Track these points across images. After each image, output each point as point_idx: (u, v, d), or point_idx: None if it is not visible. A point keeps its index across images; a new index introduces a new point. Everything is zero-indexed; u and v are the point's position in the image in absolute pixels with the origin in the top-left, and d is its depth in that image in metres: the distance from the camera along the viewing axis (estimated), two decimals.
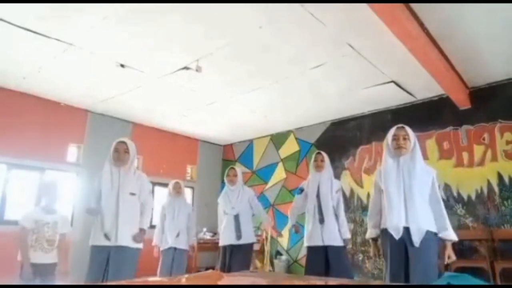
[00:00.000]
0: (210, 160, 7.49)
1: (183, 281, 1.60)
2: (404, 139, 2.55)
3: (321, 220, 3.43)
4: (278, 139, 6.83)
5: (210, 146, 7.59)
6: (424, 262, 2.29)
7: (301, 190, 3.70)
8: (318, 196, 3.49)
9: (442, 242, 2.41)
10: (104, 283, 2.58)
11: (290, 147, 6.60)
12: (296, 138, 6.54)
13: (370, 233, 2.68)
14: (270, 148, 6.92)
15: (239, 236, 3.79)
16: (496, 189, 4.30)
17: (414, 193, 2.42)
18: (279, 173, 6.64)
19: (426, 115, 4.94)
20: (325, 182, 3.52)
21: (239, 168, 4.21)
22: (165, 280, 1.67)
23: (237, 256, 3.78)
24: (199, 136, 7.22)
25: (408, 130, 2.59)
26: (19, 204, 4.86)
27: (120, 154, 2.94)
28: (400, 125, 2.63)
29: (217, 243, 4.20)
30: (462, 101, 4.60)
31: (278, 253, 6.27)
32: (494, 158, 4.39)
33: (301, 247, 5.97)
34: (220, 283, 1.62)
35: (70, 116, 5.47)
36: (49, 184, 3.49)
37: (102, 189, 2.90)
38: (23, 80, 4.59)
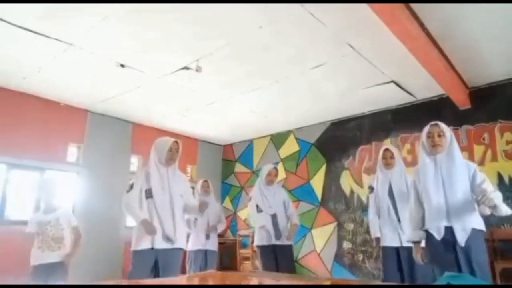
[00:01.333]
0: (210, 160, 7.49)
1: (183, 281, 1.60)
2: (439, 136, 2.48)
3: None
4: (278, 139, 6.83)
5: (210, 146, 7.59)
6: (475, 261, 2.22)
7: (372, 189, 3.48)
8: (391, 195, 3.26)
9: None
10: (102, 283, 2.57)
11: (290, 147, 6.60)
12: (296, 138, 6.54)
13: (413, 236, 2.55)
14: (270, 148, 6.92)
15: (278, 236, 3.68)
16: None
17: (455, 191, 2.35)
18: (279, 173, 6.61)
19: (426, 115, 4.92)
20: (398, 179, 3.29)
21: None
22: (165, 280, 1.67)
23: (284, 256, 3.70)
24: (199, 136, 7.22)
25: (443, 126, 2.50)
26: (19, 204, 4.87)
27: (174, 154, 2.90)
28: (434, 122, 2.55)
29: (219, 243, 4.21)
30: (462, 101, 4.60)
31: None
32: (494, 158, 4.39)
33: (301, 247, 5.98)
34: (220, 283, 1.62)
35: (70, 116, 5.47)
36: (45, 183, 3.47)
37: (152, 190, 2.76)
38: (23, 80, 4.59)
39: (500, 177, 4.31)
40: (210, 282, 1.63)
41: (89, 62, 4.10)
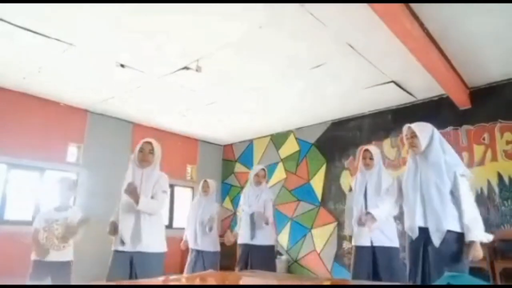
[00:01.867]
0: (210, 160, 7.50)
1: (183, 281, 1.60)
2: (412, 137, 2.50)
3: None
4: (278, 139, 6.83)
5: (210, 146, 7.59)
6: (446, 265, 2.19)
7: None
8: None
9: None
10: (104, 283, 2.57)
11: (290, 147, 6.60)
12: (296, 138, 6.54)
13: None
14: (270, 148, 6.92)
15: (253, 236, 3.77)
16: (496, 189, 4.30)
17: (430, 191, 2.34)
18: (279, 173, 6.64)
19: (426, 115, 4.88)
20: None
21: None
22: (165, 280, 1.67)
23: (257, 256, 3.75)
24: (199, 136, 7.22)
25: (415, 127, 2.52)
26: (19, 204, 4.87)
27: (145, 155, 2.80)
28: (407, 124, 2.59)
29: (221, 243, 4.22)
30: (462, 101, 4.60)
31: (278, 253, 6.26)
32: (494, 158, 4.39)
33: (301, 247, 5.98)
34: (220, 283, 1.62)
35: (70, 116, 5.47)
36: (60, 182, 3.45)
37: (123, 191, 2.74)
38: (23, 80, 4.59)
39: (500, 177, 4.30)
40: (210, 282, 1.63)
41: (89, 62, 4.10)
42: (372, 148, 3.36)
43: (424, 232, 2.34)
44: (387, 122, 5.42)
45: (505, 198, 4.22)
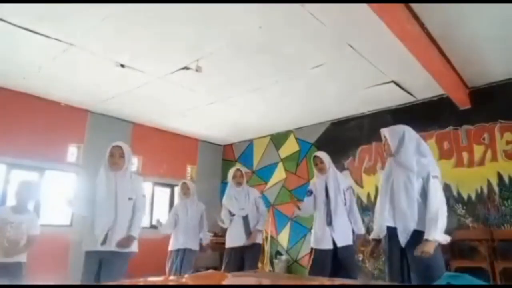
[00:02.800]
0: (210, 160, 7.49)
1: (183, 281, 1.60)
2: (385, 141, 2.61)
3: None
4: (278, 139, 6.83)
5: (210, 146, 7.59)
6: (417, 264, 2.26)
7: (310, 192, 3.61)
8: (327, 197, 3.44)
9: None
10: (103, 284, 2.58)
11: (290, 147, 6.59)
12: (296, 138, 6.54)
13: (373, 233, 2.67)
14: (270, 148, 6.92)
15: (247, 236, 3.81)
16: (496, 189, 4.30)
17: (400, 192, 2.42)
18: (279, 173, 6.64)
19: (426, 115, 4.94)
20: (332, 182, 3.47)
21: (244, 169, 4.21)
22: (165, 280, 1.67)
23: (249, 256, 3.80)
24: (199, 136, 7.22)
25: (385, 131, 2.63)
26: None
27: (115, 159, 2.88)
28: (381, 129, 2.69)
29: (218, 243, 4.21)
30: (462, 101, 4.60)
31: (278, 253, 6.27)
32: (494, 158, 4.39)
33: (301, 247, 5.98)
34: (220, 283, 1.62)
35: (70, 116, 5.47)
36: (23, 184, 3.41)
37: (97, 194, 2.83)
38: (23, 80, 4.59)
39: (500, 177, 4.30)
40: (210, 282, 1.63)
41: (89, 62, 4.09)
42: (321, 153, 3.58)
43: (393, 231, 2.42)
44: (387, 122, 5.38)
45: (505, 198, 4.22)
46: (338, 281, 2.11)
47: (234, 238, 3.88)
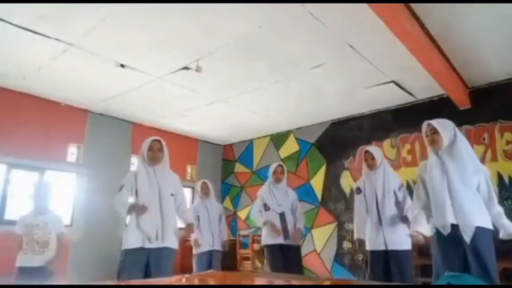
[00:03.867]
0: (210, 160, 7.49)
1: (183, 281, 1.60)
2: (433, 133, 2.50)
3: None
4: (278, 139, 6.83)
5: (210, 146, 7.59)
6: (481, 262, 2.25)
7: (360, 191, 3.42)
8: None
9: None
10: (105, 283, 2.57)
11: (290, 147, 6.59)
12: (296, 138, 6.54)
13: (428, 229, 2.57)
14: (270, 148, 6.92)
15: (286, 235, 3.65)
16: (496, 189, 4.30)
17: (457, 188, 2.34)
18: None
19: (426, 115, 4.89)
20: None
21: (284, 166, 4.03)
22: (165, 280, 1.67)
23: (291, 258, 3.66)
24: (199, 136, 7.22)
25: (436, 124, 2.51)
26: (19, 204, 4.86)
27: (155, 153, 2.80)
28: (427, 121, 2.58)
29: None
30: (462, 101, 4.60)
31: None
32: (494, 158, 4.39)
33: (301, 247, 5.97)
34: (220, 283, 1.62)
35: (70, 116, 5.47)
36: (39, 185, 3.44)
37: (138, 189, 2.74)
38: (23, 80, 4.59)
39: (500, 177, 4.30)
40: (210, 282, 1.63)
41: (89, 62, 4.09)
42: (372, 148, 3.37)
43: (455, 228, 2.33)
44: (387, 122, 5.42)
45: (505, 198, 4.22)
46: (339, 281, 2.11)
47: (272, 236, 3.66)
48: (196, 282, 1.62)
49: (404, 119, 5.23)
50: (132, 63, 4.16)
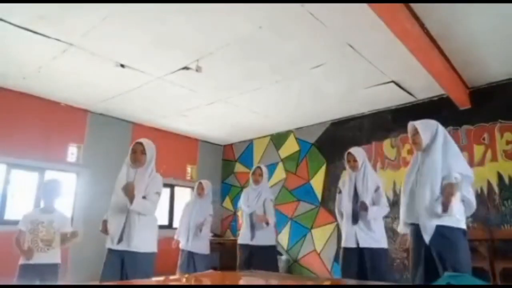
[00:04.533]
0: (210, 160, 7.49)
1: (183, 281, 1.60)
2: (414, 134, 2.53)
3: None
4: (278, 139, 6.83)
5: (210, 146, 7.59)
6: (445, 260, 2.21)
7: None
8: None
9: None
10: (104, 283, 2.58)
11: (290, 147, 6.60)
12: (296, 138, 6.54)
13: (400, 228, 2.65)
14: (270, 148, 6.92)
15: (253, 236, 3.77)
16: (496, 189, 4.30)
17: (423, 188, 2.36)
18: (279, 173, 6.64)
19: (426, 115, 4.87)
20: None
21: (266, 168, 4.13)
22: (165, 280, 1.67)
23: (258, 258, 3.71)
24: (199, 136, 7.22)
25: (418, 124, 2.54)
26: (19, 204, 4.87)
27: (137, 155, 2.85)
28: (411, 122, 2.61)
29: (218, 243, 4.21)
30: (462, 101, 4.60)
31: (278, 253, 6.26)
32: (494, 158, 4.39)
33: (301, 247, 5.98)
34: (220, 283, 1.62)
35: (70, 116, 5.47)
36: (48, 183, 3.44)
37: (114, 190, 2.81)
38: (23, 80, 4.59)
39: (500, 177, 4.31)
40: (210, 282, 1.63)
41: (89, 62, 4.10)
42: (354, 150, 3.46)
43: (417, 228, 2.38)
44: (387, 122, 5.42)
45: (505, 198, 4.22)
46: (339, 281, 2.11)
47: (242, 236, 3.90)
48: (196, 282, 1.62)
49: (404, 119, 5.16)
50: (132, 63, 4.16)
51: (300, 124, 6.36)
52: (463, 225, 2.34)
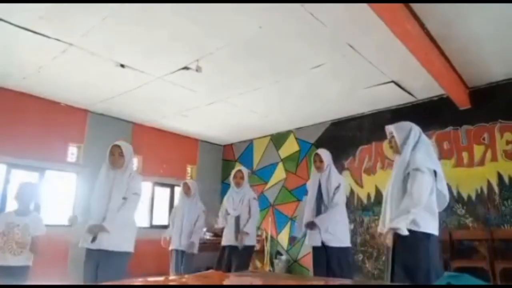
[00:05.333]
0: (210, 160, 7.49)
1: (183, 281, 1.60)
2: (391, 137, 2.54)
3: None
4: (278, 139, 6.83)
5: (210, 146, 7.59)
6: (403, 264, 2.18)
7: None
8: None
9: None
10: (103, 284, 2.57)
11: (290, 147, 6.60)
12: (296, 138, 6.54)
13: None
14: (270, 148, 6.92)
15: (237, 237, 3.87)
16: (496, 189, 4.30)
17: (393, 191, 2.37)
18: (279, 173, 6.64)
19: (426, 115, 4.93)
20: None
21: (246, 170, 4.22)
22: (165, 280, 1.67)
23: (236, 258, 3.83)
24: (199, 136, 7.22)
25: (393, 128, 2.53)
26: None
27: (115, 158, 2.95)
28: (386, 126, 2.62)
29: (218, 243, 4.21)
30: (462, 101, 4.60)
31: (278, 253, 6.27)
32: (494, 158, 4.39)
33: (301, 247, 5.98)
34: (220, 283, 1.62)
35: (70, 116, 5.47)
36: (23, 186, 3.43)
37: (93, 192, 2.90)
38: (23, 80, 4.59)
39: (500, 177, 4.30)
40: (210, 282, 1.63)
41: (89, 62, 4.09)
42: (321, 151, 3.59)
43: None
44: (387, 122, 5.34)
45: (505, 198, 4.22)
46: (338, 281, 2.11)
47: (226, 237, 3.98)
48: (196, 282, 1.62)
49: (404, 119, 5.17)
50: (132, 63, 4.16)
51: (300, 124, 6.36)
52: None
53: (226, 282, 1.66)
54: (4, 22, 3.34)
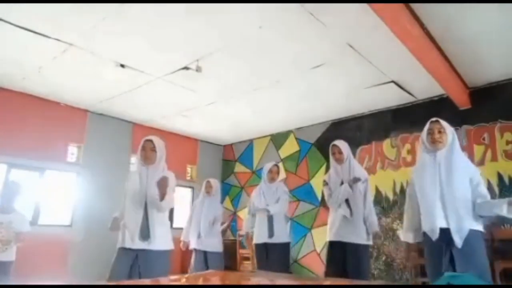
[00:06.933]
0: (210, 160, 7.49)
1: (183, 281, 1.60)
2: (440, 132, 2.46)
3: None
4: (278, 139, 6.83)
5: (210, 146, 7.59)
6: (473, 264, 2.11)
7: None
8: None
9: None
10: (104, 283, 2.57)
11: (290, 147, 6.59)
12: (296, 138, 6.54)
13: (405, 236, 2.53)
14: (270, 148, 6.92)
15: (271, 234, 3.69)
16: (496, 189, 4.30)
17: (453, 188, 2.26)
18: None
19: (426, 115, 4.89)
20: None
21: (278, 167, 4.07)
22: (164, 280, 1.67)
23: (271, 255, 3.67)
24: (199, 136, 7.22)
25: (443, 123, 2.50)
26: (19, 204, 4.86)
27: (147, 153, 2.79)
28: (434, 118, 2.54)
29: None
30: (462, 101, 4.60)
31: None
32: (494, 158, 4.39)
33: (301, 247, 5.98)
34: (220, 283, 1.62)
35: (70, 116, 5.47)
36: (7, 184, 3.46)
37: (129, 189, 2.76)
38: (23, 80, 4.59)
39: (500, 177, 4.30)
40: (210, 282, 1.63)
41: (89, 62, 4.09)
42: (340, 142, 3.47)
43: (444, 232, 2.22)
44: (387, 122, 5.42)
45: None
46: (339, 281, 2.11)
47: (259, 235, 3.78)
48: (196, 282, 1.62)
49: (404, 119, 5.23)
50: (132, 63, 4.16)
51: (300, 124, 6.36)
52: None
53: (226, 282, 1.66)
54: (4, 22, 3.35)
